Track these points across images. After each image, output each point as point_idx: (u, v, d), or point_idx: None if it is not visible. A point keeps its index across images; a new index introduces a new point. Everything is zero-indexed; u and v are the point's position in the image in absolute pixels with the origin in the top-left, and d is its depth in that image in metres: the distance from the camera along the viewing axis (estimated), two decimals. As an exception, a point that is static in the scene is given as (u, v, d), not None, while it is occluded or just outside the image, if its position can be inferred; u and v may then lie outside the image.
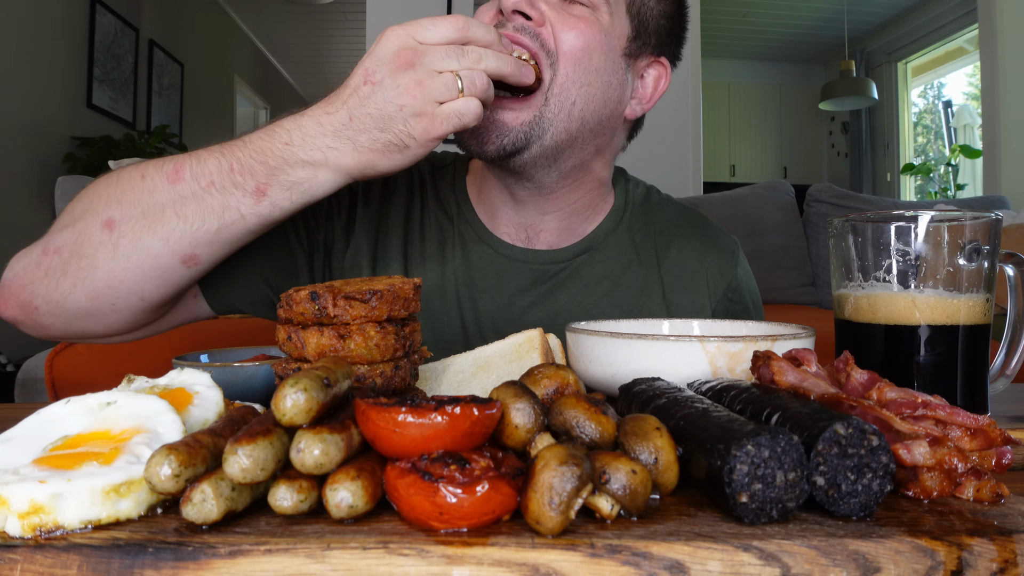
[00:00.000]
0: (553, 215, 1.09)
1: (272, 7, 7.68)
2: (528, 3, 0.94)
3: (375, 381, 0.58)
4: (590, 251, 1.12)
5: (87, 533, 0.40)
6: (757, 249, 3.53)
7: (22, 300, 0.88)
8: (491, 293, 1.09)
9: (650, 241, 1.15)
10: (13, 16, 4.11)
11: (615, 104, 1.03)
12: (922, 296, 0.70)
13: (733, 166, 9.06)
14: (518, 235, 1.11)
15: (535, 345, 0.78)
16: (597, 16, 0.98)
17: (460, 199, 1.13)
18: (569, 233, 1.12)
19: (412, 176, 1.14)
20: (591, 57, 0.97)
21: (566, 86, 0.95)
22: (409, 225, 1.11)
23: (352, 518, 0.42)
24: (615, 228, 1.14)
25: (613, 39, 1.00)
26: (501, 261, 1.10)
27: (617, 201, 1.16)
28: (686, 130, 4.20)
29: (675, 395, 0.54)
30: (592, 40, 0.96)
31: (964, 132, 7.08)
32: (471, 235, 1.11)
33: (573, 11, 0.97)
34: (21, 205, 4.20)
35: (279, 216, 0.85)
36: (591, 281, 1.11)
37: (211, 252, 0.85)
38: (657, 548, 0.39)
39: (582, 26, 0.96)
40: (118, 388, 0.57)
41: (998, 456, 0.49)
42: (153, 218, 0.82)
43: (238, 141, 0.84)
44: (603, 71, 0.99)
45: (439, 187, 1.14)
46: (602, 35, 0.98)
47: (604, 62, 0.99)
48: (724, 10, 7.35)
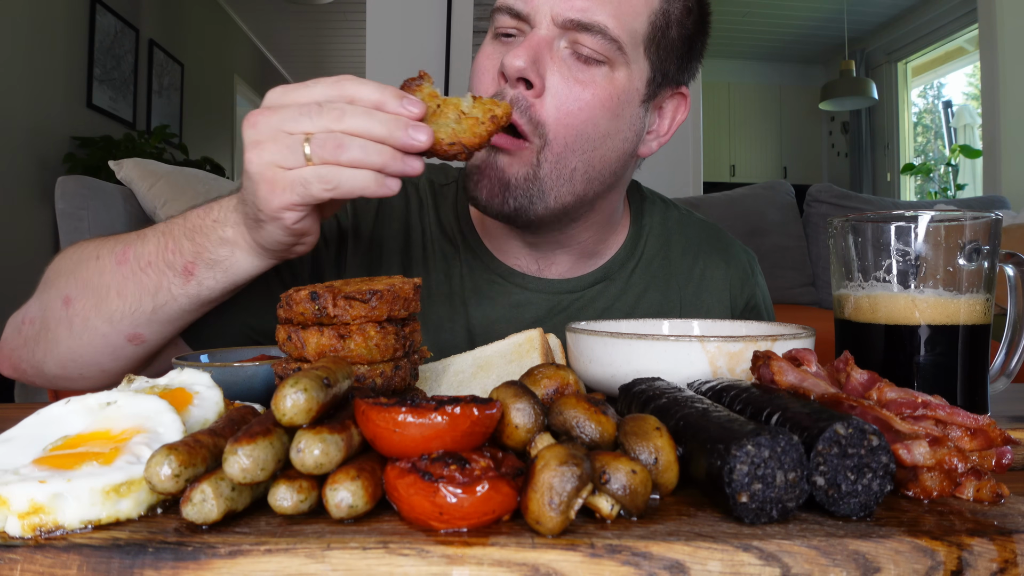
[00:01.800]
0: (564, 250, 1.05)
1: (272, 7, 7.68)
2: (534, 69, 0.86)
3: (375, 381, 0.58)
4: (605, 280, 1.08)
5: (87, 533, 0.40)
6: (757, 249, 3.49)
7: (12, 363, 0.93)
8: (504, 324, 1.03)
9: (669, 265, 1.11)
10: (13, 16, 4.11)
11: (628, 152, 0.97)
12: (922, 296, 0.70)
13: (733, 166, 9.07)
14: (529, 266, 1.06)
15: (535, 345, 0.78)
16: (612, 74, 0.89)
17: (464, 227, 1.07)
18: (583, 264, 1.08)
19: (409, 199, 1.07)
20: (596, 125, 0.90)
21: (563, 155, 0.89)
22: (409, 256, 1.04)
23: (352, 518, 0.42)
24: (630, 256, 1.10)
25: (629, 91, 0.92)
26: (514, 291, 1.05)
27: (633, 228, 1.12)
28: (686, 130, 4.20)
29: (675, 395, 0.54)
30: (598, 109, 0.89)
31: (964, 132, 7.08)
32: (479, 265, 1.05)
33: (583, 75, 0.88)
34: (21, 205, 4.21)
35: (209, 297, 0.82)
36: (606, 310, 1.07)
37: (153, 331, 0.85)
38: (657, 548, 0.39)
39: (587, 96, 0.88)
40: (118, 388, 0.57)
41: (998, 456, 0.49)
42: (99, 298, 0.83)
43: (180, 217, 0.84)
44: (614, 132, 0.92)
45: (441, 211, 1.08)
46: (614, 97, 0.90)
47: (615, 123, 0.92)
48: (724, 10, 7.35)
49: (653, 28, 0.92)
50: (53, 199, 2.17)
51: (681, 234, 1.15)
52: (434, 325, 1.03)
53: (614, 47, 0.88)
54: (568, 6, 0.86)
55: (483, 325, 1.03)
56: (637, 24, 0.90)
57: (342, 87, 0.69)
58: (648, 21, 0.91)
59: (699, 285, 1.12)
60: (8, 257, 4.06)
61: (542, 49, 0.87)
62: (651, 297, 1.09)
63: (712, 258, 1.13)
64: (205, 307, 0.85)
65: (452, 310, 1.04)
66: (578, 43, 0.87)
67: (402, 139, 0.68)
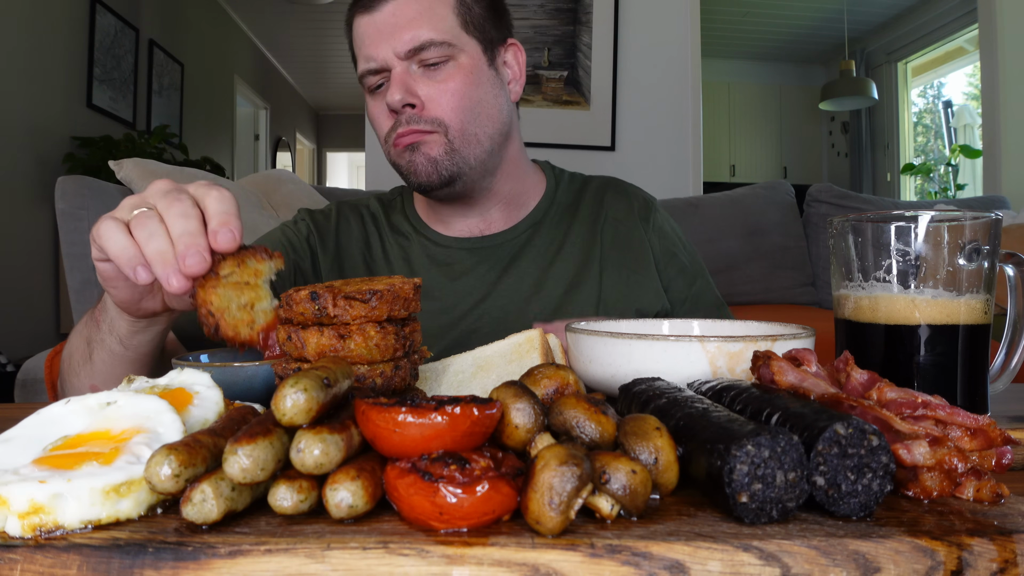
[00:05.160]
0: (496, 207, 1.29)
1: (272, 7, 7.68)
2: (409, 94, 1.11)
3: (375, 381, 0.58)
4: (534, 226, 1.30)
5: (87, 533, 0.40)
6: (757, 249, 3.52)
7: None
8: (462, 279, 1.25)
9: (583, 207, 1.33)
10: (13, 16, 4.11)
11: (504, 104, 1.22)
12: (922, 296, 0.70)
13: (733, 166, 9.06)
14: (471, 231, 1.29)
15: (535, 345, 0.78)
16: (457, 62, 1.14)
17: (414, 221, 1.32)
18: (513, 217, 1.31)
19: (363, 216, 1.34)
20: (470, 97, 1.14)
21: (464, 131, 1.14)
22: (369, 253, 1.30)
23: (352, 518, 0.42)
24: (551, 205, 1.33)
25: (476, 64, 1.16)
26: (463, 253, 1.27)
27: (548, 184, 1.36)
28: (686, 130, 4.20)
29: (675, 395, 0.54)
30: (465, 88, 1.14)
31: (964, 132, 7.08)
32: (430, 244, 1.29)
33: (440, 75, 1.13)
34: (21, 205, 4.20)
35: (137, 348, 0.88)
36: (541, 248, 1.28)
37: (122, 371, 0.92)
38: (657, 548, 0.39)
39: (453, 86, 1.13)
40: (118, 388, 0.57)
41: (998, 456, 0.49)
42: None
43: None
44: (484, 96, 1.17)
45: (391, 217, 1.34)
46: (469, 74, 1.15)
47: (481, 89, 1.16)
48: (724, 10, 7.35)
49: (460, 16, 1.16)
50: (53, 199, 2.17)
51: (588, 185, 1.39)
52: None
53: (446, 47, 1.13)
54: (400, 42, 1.11)
55: (448, 283, 1.24)
56: (449, 22, 1.14)
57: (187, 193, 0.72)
58: (455, 15, 1.15)
59: (612, 218, 1.32)
60: (8, 257, 4.06)
61: (405, 79, 1.12)
62: (575, 232, 1.30)
63: (616, 196, 1.36)
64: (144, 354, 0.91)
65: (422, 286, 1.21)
66: (423, 59, 1.12)
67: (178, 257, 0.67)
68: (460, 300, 1.23)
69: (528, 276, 1.25)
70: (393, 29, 1.12)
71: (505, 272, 1.26)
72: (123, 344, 0.87)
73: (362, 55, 1.16)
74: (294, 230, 1.29)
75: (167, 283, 0.65)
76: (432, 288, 1.24)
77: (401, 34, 1.11)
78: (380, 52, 1.12)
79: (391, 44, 1.11)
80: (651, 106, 4.02)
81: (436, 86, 1.12)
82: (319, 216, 1.33)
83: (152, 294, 0.81)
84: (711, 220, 3.44)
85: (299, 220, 1.32)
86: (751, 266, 3.50)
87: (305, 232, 1.29)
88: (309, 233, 1.29)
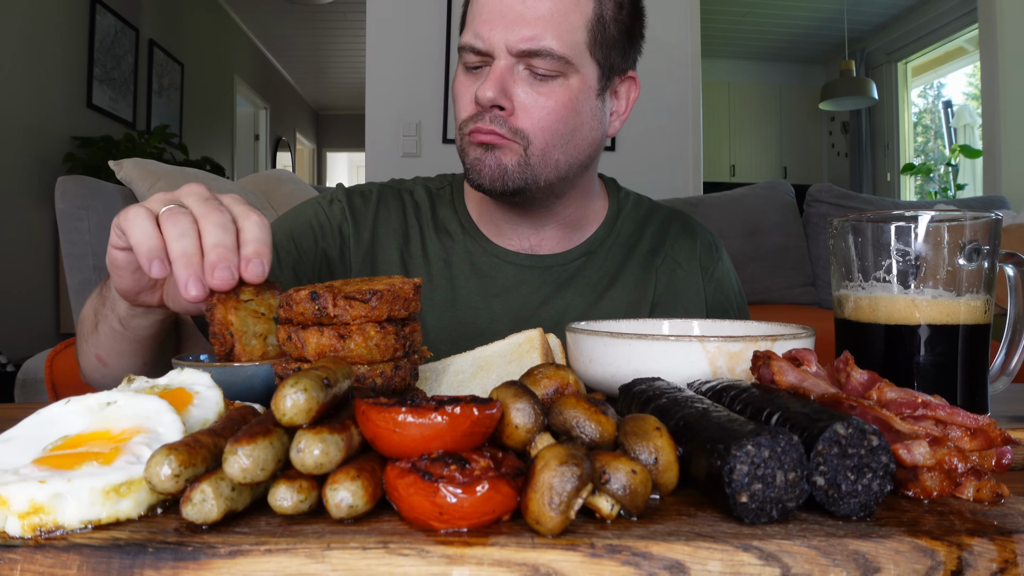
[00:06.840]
0: (552, 227, 1.18)
1: (272, 7, 7.68)
2: (503, 95, 1.00)
3: (375, 381, 0.58)
4: (589, 254, 1.21)
5: (87, 533, 0.40)
6: (757, 249, 3.53)
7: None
8: (502, 297, 1.16)
9: (644, 241, 1.24)
10: (13, 16, 4.11)
11: (598, 137, 1.11)
12: (922, 296, 0.70)
13: (733, 166, 9.06)
14: (522, 245, 1.19)
15: (535, 345, 0.78)
16: (567, 82, 1.03)
17: (463, 219, 1.21)
18: (569, 240, 1.21)
19: (405, 204, 1.21)
20: (565, 122, 1.04)
21: (546, 151, 1.04)
22: (408, 248, 1.18)
23: (352, 518, 0.42)
24: (610, 233, 1.23)
25: (585, 89, 1.05)
26: (510, 268, 1.18)
27: (611, 209, 1.25)
28: (686, 130, 4.20)
29: (675, 395, 0.54)
30: (563, 111, 1.03)
31: (964, 132, 7.08)
32: (477, 248, 1.19)
33: (543, 88, 1.02)
34: (21, 205, 4.21)
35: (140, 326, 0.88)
36: (592, 279, 1.19)
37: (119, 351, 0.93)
38: (657, 548, 0.39)
39: (551, 104, 1.02)
40: (118, 388, 0.57)
41: (998, 456, 0.49)
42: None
43: None
44: (581, 124, 1.07)
45: (438, 211, 1.22)
46: (573, 99, 1.04)
47: (579, 118, 1.06)
48: (724, 10, 7.35)
49: (592, 34, 1.04)
50: (53, 199, 2.17)
51: (653, 216, 1.29)
52: (439, 302, 1.15)
53: (563, 63, 1.01)
54: (518, 38, 0.99)
55: (485, 300, 1.16)
56: (577, 36, 1.02)
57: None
58: (586, 30, 1.03)
59: (672, 259, 1.24)
60: (8, 257, 4.06)
61: (505, 77, 1.01)
62: (631, 268, 1.21)
63: (681, 235, 1.27)
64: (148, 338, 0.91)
65: (454, 291, 1.16)
66: (532, 65, 1.01)
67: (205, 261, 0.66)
68: (496, 319, 1.14)
69: (573, 308, 1.16)
70: (517, 18, 0.99)
71: (550, 299, 1.16)
72: (122, 324, 0.87)
73: (472, 28, 1.03)
74: (327, 213, 1.17)
75: (184, 286, 0.64)
76: (468, 299, 1.15)
77: (522, 29, 0.99)
78: (492, 36, 1.00)
79: (506, 34, 0.99)
80: (651, 106, 4.02)
81: (534, 97, 1.01)
82: (357, 199, 1.20)
83: (153, 290, 0.80)
84: (711, 220, 3.44)
85: (335, 200, 1.19)
86: (751, 266, 3.50)
87: (339, 217, 1.17)
88: (343, 219, 1.17)
